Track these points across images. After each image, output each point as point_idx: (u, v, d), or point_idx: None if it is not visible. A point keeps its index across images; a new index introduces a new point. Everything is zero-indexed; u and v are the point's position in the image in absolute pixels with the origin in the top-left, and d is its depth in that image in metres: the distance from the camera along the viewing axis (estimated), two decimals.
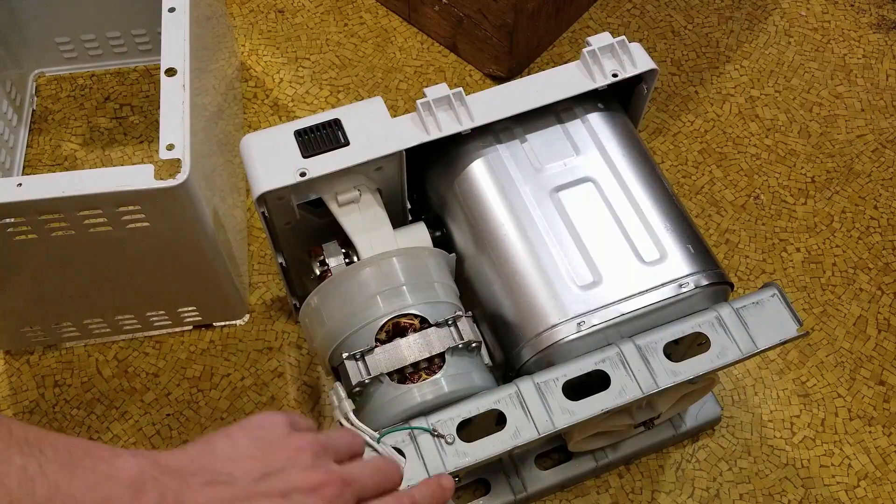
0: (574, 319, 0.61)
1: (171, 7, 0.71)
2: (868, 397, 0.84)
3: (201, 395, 0.83)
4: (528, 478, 0.76)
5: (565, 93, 0.69)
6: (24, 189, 0.62)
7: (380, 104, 0.68)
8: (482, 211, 0.67)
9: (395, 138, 0.66)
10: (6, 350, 0.85)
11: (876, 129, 1.02)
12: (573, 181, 0.67)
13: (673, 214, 0.66)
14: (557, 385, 0.59)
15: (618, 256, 0.64)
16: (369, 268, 0.64)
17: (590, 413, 0.58)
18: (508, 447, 0.57)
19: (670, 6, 1.12)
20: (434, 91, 0.67)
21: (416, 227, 0.71)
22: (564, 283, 0.63)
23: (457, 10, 1.01)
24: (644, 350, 0.60)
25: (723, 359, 0.60)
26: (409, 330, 0.62)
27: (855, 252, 0.93)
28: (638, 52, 0.70)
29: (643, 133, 1.01)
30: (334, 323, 0.63)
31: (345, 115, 0.67)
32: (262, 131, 0.67)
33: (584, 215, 0.66)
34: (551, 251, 0.64)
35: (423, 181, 0.72)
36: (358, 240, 0.66)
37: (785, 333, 0.61)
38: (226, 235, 0.76)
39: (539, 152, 0.69)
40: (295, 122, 0.66)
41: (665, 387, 0.59)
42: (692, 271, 0.63)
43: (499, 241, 0.66)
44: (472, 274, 0.68)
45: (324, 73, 1.04)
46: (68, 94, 1.01)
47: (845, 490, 0.79)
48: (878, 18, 1.12)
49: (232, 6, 1.09)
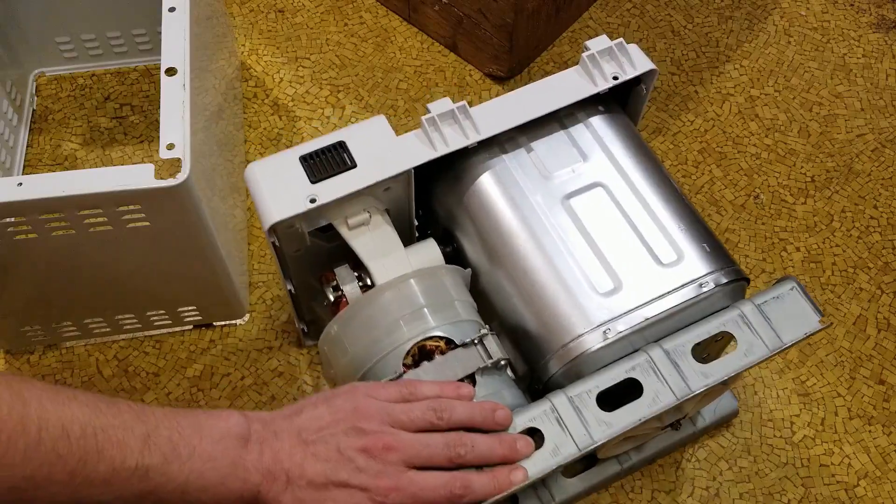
0: (599, 328, 0.60)
1: (171, 7, 0.72)
2: (868, 396, 0.84)
3: (201, 394, 0.83)
4: (556, 487, 0.74)
5: (568, 99, 0.68)
6: (24, 189, 0.62)
7: (383, 123, 0.67)
8: (494, 223, 0.66)
9: (402, 157, 0.65)
10: (6, 350, 0.85)
11: (876, 128, 1.02)
12: (583, 187, 0.67)
13: (685, 214, 0.66)
14: (591, 397, 0.58)
15: (635, 260, 0.63)
16: (389, 292, 0.63)
17: (627, 424, 0.57)
18: (551, 466, 0.55)
19: (670, 6, 1.12)
20: (438, 106, 0.66)
21: (427, 245, 0.69)
22: (585, 292, 0.62)
23: (457, 9, 1.01)
24: (673, 354, 0.59)
25: (751, 357, 0.60)
26: (434, 352, 0.60)
27: (855, 251, 0.93)
28: (636, 54, 0.70)
29: (643, 133, 1.01)
30: (357, 350, 0.62)
31: (349, 136, 0.65)
32: (267, 159, 0.65)
33: (597, 221, 0.65)
34: (568, 260, 0.63)
35: (429, 196, 0.72)
36: (371, 264, 0.65)
37: (808, 326, 0.61)
38: (226, 235, 0.76)
39: (546, 160, 0.68)
40: (299, 147, 0.65)
41: (699, 391, 0.58)
42: (710, 270, 0.63)
43: (514, 253, 0.65)
44: (487, 287, 0.67)
45: (324, 73, 1.04)
46: (68, 94, 1.01)
47: (845, 489, 0.79)
48: (878, 18, 1.12)
49: (232, 6, 1.09)
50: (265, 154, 0.97)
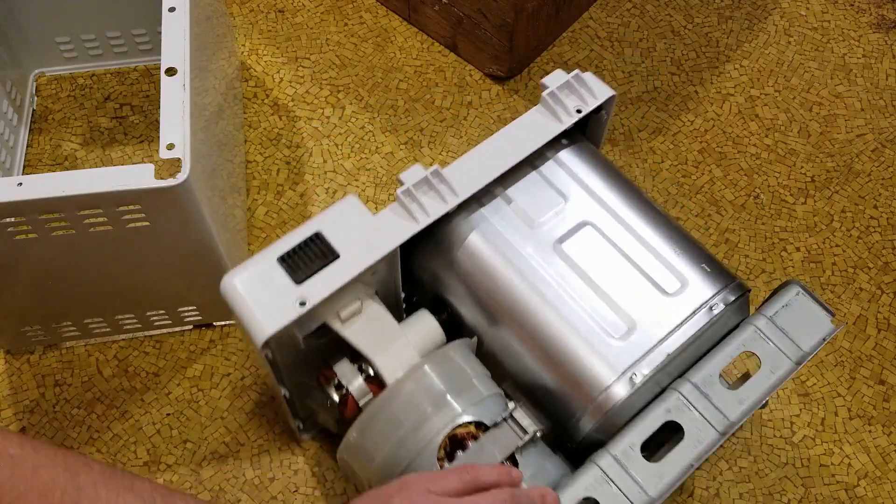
0: (625, 374, 0.58)
1: (171, 7, 0.72)
2: (868, 396, 0.84)
3: (201, 394, 0.83)
4: None
5: (538, 141, 0.66)
6: (24, 189, 0.62)
7: (355, 203, 0.63)
8: (491, 284, 0.63)
9: (386, 236, 0.61)
10: (6, 350, 0.85)
11: (876, 128, 1.02)
12: (571, 229, 0.65)
13: (676, 237, 0.65)
14: (636, 451, 0.56)
15: (642, 295, 0.62)
16: (406, 385, 0.59)
17: (678, 471, 0.56)
18: None
19: (670, 6, 1.12)
20: (410, 176, 0.63)
21: (421, 318, 0.66)
22: (601, 339, 0.60)
23: (457, 9, 1.01)
24: (703, 387, 0.58)
25: (777, 372, 0.59)
26: (467, 440, 0.57)
27: (855, 251, 0.93)
28: (594, 83, 0.68)
29: (643, 133, 1.01)
30: (385, 455, 0.58)
31: (323, 224, 0.61)
32: (243, 267, 0.60)
33: (593, 261, 0.63)
34: (576, 308, 0.61)
35: (410, 265, 0.68)
36: (374, 355, 0.61)
37: (823, 329, 0.60)
38: (226, 235, 0.76)
39: (528, 208, 0.66)
40: (274, 247, 0.60)
41: (740, 421, 0.57)
42: (716, 290, 0.62)
43: (519, 311, 0.62)
44: (494, 348, 0.65)
45: (324, 73, 1.04)
46: (68, 94, 1.01)
47: (845, 489, 0.79)
48: (878, 18, 1.12)
49: (232, 6, 1.09)
50: (265, 153, 0.97)
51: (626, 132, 1.01)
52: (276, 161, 0.97)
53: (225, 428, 0.81)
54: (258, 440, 0.80)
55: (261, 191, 0.95)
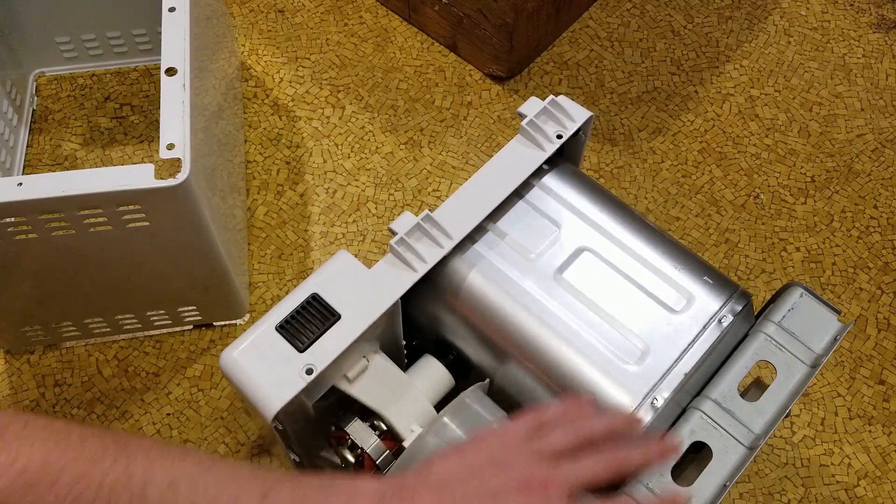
0: (646, 399, 0.58)
1: (171, 7, 0.72)
2: (868, 396, 0.84)
3: (201, 394, 0.83)
4: None
5: (524, 172, 0.66)
6: (24, 189, 0.62)
7: (348, 259, 0.61)
8: (497, 323, 0.62)
9: (385, 290, 0.59)
10: (6, 350, 0.85)
11: (876, 128, 1.02)
12: (569, 257, 0.64)
13: (674, 252, 0.65)
14: (666, 475, 0.55)
15: (651, 316, 0.61)
16: (429, 442, 0.57)
17: (711, 492, 0.55)
18: None
19: (670, 6, 1.12)
20: (401, 224, 0.61)
21: (428, 364, 0.65)
22: (618, 366, 0.59)
23: (457, 9, 1.01)
24: (723, 403, 0.58)
25: (792, 378, 0.59)
26: None
27: (855, 251, 0.93)
28: (570, 106, 0.68)
29: (643, 133, 1.01)
30: None
31: (318, 285, 0.59)
32: (241, 341, 0.57)
33: (597, 287, 0.63)
34: (588, 338, 0.60)
35: (410, 311, 0.66)
36: (387, 412, 0.59)
37: (832, 330, 0.60)
38: (226, 235, 0.76)
39: (522, 241, 0.65)
40: (269, 316, 0.57)
41: (766, 434, 0.57)
42: (723, 302, 0.61)
43: (530, 347, 0.61)
44: (506, 386, 0.64)
45: (324, 73, 1.04)
46: (68, 94, 1.01)
47: (845, 489, 0.79)
48: (878, 18, 1.12)
49: (232, 6, 1.09)
50: (265, 153, 0.97)
51: (626, 132, 1.01)
52: (276, 161, 0.97)
53: (225, 428, 0.81)
54: (258, 440, 0.80)
55: (261, 191, 0.95)
